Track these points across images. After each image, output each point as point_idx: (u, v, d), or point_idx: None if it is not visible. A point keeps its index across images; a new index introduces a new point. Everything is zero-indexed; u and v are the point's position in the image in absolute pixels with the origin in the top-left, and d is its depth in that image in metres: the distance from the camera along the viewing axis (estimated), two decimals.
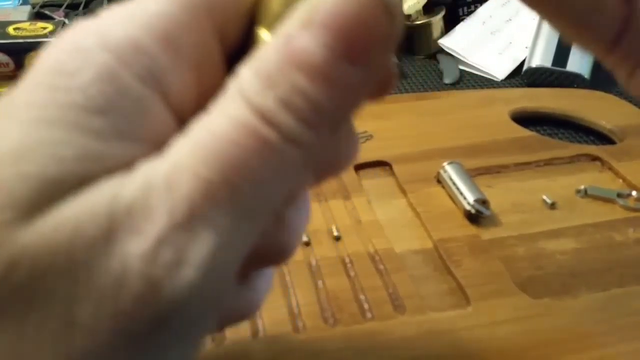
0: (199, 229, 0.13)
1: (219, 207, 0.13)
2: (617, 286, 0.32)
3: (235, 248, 0.13)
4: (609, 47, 0.22)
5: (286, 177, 0.14)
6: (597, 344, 0.29)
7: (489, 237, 0.36)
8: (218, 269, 0.13)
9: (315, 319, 0.30)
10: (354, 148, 0.18)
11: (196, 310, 0.13)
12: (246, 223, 0.13)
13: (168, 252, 0.12)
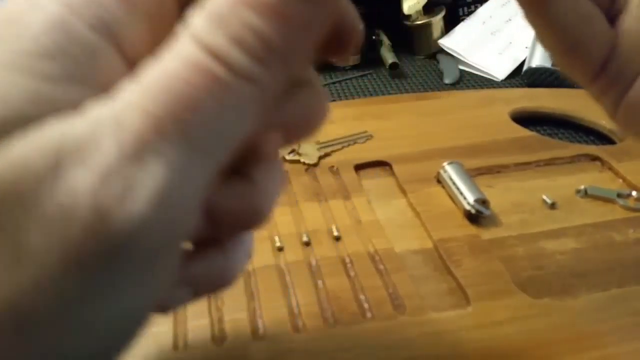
0: (148, 162, 0.13)
1: (168, 141, 0.13)
2: (617, 286, 0.32)
3: (190, 183, 0.14)
4: (596, 72, 0.23)
5: (239, 114, 0.14)
6: (597, 344, 0.29)
7: (489, 237, 0.36)
8: (171, 202, 0.13)
9: (315, 318, 0.30)
10: (322, 105, 0.18)
11: (150, 244, 0.13)
12: (199, 159, 0.14)
13: (116, 183, 0.12)
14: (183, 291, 0.19)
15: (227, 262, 0.19)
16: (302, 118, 0.18)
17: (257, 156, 0.18)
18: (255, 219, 0.19)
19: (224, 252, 0.19)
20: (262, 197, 0.18)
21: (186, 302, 0.19)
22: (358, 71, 0.63)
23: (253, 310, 0.31)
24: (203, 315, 0.30)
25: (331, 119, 0.48)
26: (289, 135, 0.18)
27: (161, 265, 0.14)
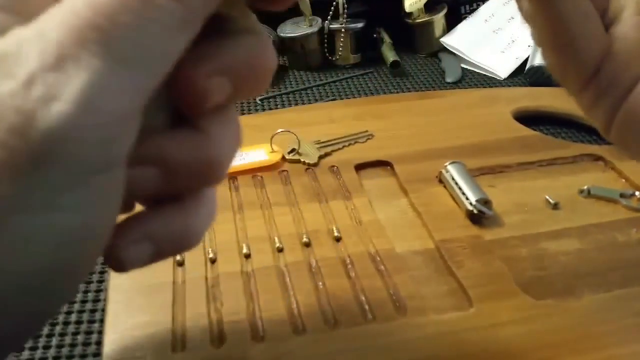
0: (70, 69, 0.14)
1: (88, 49, 0.14)
2: (620, 287, 0.32)
3: (116, 92, 0.14)
4: (589, 76, 0.22)
5: (162, 30, 0.15)
6: (600, 345, 0.29)
7: (491, 237, 0.36)
8: (95, 106, 0.14)
9: (316, 320, 0.30)
10: (266, 53, 0.19)
11: (78, 145, 0.14)
12: (124, 69, 0.14)
13: (39, 88, 0.14)
14: (143, 247, 0.19)
15: (187, 219, 0.20)
16: (246, 64, 0.18)
17: (208, 107, 0.18)
18: (212, 172, 0.19)
19: (184, 209, 0.19)
20: (216, 148, 0.19)
21: (148, 261, 0.19)
22: (359, 70, 0.63)
23: (252, 312, 0.30)
24: (202, 316, 0.30)
25: (331, 118, 0.48)
26: (236, 83, 0.18)
27: (98, 183, 0.15)
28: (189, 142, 0.18)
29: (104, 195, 0.16)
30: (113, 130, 0.15)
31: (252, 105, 0.56)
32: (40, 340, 0.30)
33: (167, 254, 0.20)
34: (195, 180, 0.19)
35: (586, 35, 0.22)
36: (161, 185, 0.18)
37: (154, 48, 0.15)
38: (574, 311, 0.30)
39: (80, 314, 0.32)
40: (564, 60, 0.23)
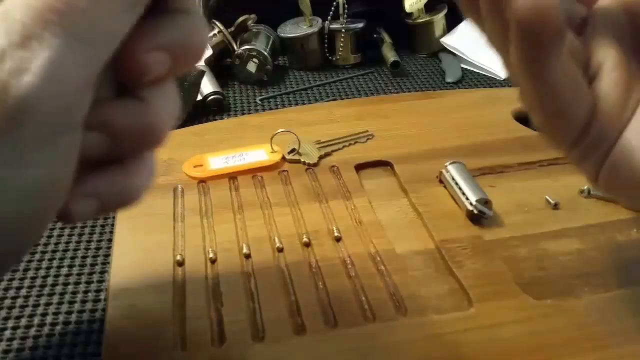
0: (35, 47, 0.16)
1: (49, 29, 0.17)
2: (620, 287, 0.32)
3: (75, 66, 0.17)
4: (578, 137, 0.23)
5: (112, 10, 0.18)
6: (601, 345, 0.29)
7: (492, 237, 0.36)
8: (58, 78, 0.17)
9: (316, 320, 0.30)
10: (200, 30, 0.22)
11: (47, 112, 0.17)
12: (81, 47, 0.17)
13: (9, 63, 0.16)
14: (89, 203, 0.21)
15: (129, 179, 0.22)
16: (182, 41, 0.21)
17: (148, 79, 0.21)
18: (152, 137, 0.22)
19: (126, 170, 0.22)
20: (155, 115, 0.21)
21: (93, 215, 0.22)
22: (359, 70, 0.63)
23: (253, 311, 0.30)
24: (202, 316, 0.30)
25: (332, 118, 0.48)
26: (174, 58, 0.21)
27: (61, 143, 0.18)
28: (131, 110, 0.21)
29: (66, 153, 0.19)
30: (73, 98, 0.18)
31: (252, 105, 0.56)
32: (40, 339, 0.30)
33: (111, 208, 0.23)
34: (137, 144, 0.22)
35: (576, 101, 0.22)
36: (107, 148, 0.21)
37: (105, 27, 0.18)
38: (574, 311, 0.30)
39: (80, 314, 0.32)
40: (553, 124, 0.24)
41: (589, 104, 0.22)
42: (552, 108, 0.23)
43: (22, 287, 0.33)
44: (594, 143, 0.23)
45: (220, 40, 0.60)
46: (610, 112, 0.22)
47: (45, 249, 0.36)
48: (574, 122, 0.23)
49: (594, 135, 0.23)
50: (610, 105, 0.22)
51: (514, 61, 0.22)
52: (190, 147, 0.44)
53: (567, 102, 0.22)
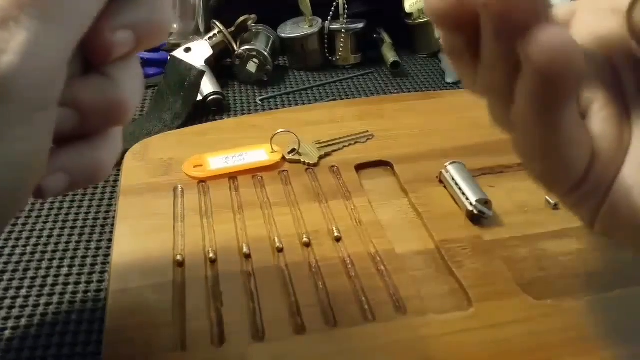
0: (13, 28, 0.18)
1: (26, 12, 0.18)
2: (620, 287, 0.32)
3: (51, 46, 0.18)
4: (577, 184, 0.21)
5: None
6: (600, 345, 0.29)
7: (491, 237, 0.36)
8: (37, 58, 0.18)
9: (316, 320, 0.30)
10: (163, 10, 0.23)
11: (26, 89, 0.18)
12: (55, 28, 0.18)
13: None
14: (59, 178, 0.22)
15: (97, 154, 0.23)
16: (146, 20, 0.22)
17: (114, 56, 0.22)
18: (118, 113, 0.23)
19: (94, 145, 0.23)
20: (120, 91, 0.22)
21: (64, 190, 0.23)
22: (359, 70, 0.63)
23: (253, 311, 0.30)
24: (202, 316, 0.30)
25: (332, 119, 0.48)
26: (138, 36, 0.22)
27: (40, 119, 0.19)
28: (98, 87, 0.22)
29: (45, 128, 0.20)
30: (50, 75, 0.19)
31: (252, 105, 0.56)
32: (40, 339, 0.30)
33: (80, 184, 0.24)
34: (104, 119, 0.23)
35: (580, 148, 0.21)
36: (75, 124, 0.22)
37: (77, 9, 0.19)
38: (574, 311, 0.30)
39: (81, 314, 0.32)
40: (555, 173, 0.22)
41: (590, 148, 0.21)
42: (558, 157, 0.21)
43: (22, 287, 0.33)
44: (592, 188, 0.22)
45: (221, 40, 0.60)
46: (607, 154, 0.21)
47: (46, 249, 0.36)
48: (576, 169, 0.21)
49: (592, 179, 0.21)
50: (607, 147, 0.21)
51: (521, 111, 0.20)
52: (190, 147, 0.44)
53: (574, 149, 0.21)
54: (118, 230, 0.36)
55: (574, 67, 0.18)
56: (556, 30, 0.18)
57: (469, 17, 0.19)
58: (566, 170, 0.21)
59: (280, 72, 0.62)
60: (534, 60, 0.18)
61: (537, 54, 0.18)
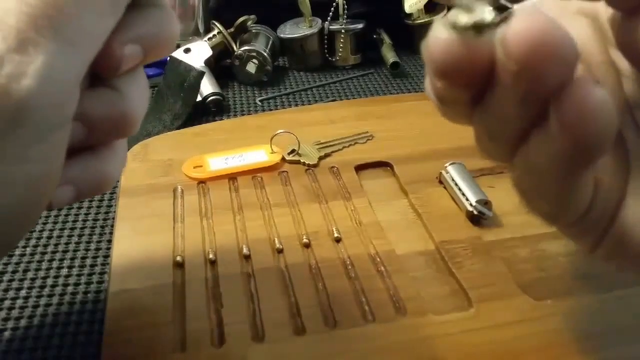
0: (31, 51, 0.18)
1: (43, 35, 0.18)
2: (620, 287, 0.32)
3: (67, 67, 0.19)
4: (581, 215, 0.20)
5: (97, 14, 0.19)
6: (600, 345, 0.29)
7: (491, 238, 0.36)
8: (54, 81, 0.18)
9: (316, 321, 0.30)
10: (170, 23, 0.23)
11: (43, 111, 0.18)
12: (71, 49, 0.19)
13: (8, 67, 0.17)
14: (66, 189, 0.23)
15: (103, 166, 0.24)
16: (154, 34, 0.22)
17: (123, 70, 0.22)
18: (125, 125, 0.23)
19: (100, 157, 0.24)
20: (127, 104, 0.22)
21: (70, 201, 0.23)
22: (359, 71, 0.63)
23: (253, 312, 0.30)
24: (202, 317, 0.30)
25: (331, 119, 0.48)
26: (146, 49, 0.22)
27: (54, 138, 0.19)
28: (105, 100, 0.22)
29: (58, 147, 0.20)
30: (65, 96, 0.19)
31: (252, 105, 0.56)
32: (40, 340, 0.30)
33: (86, 194, 0.24)
34: (111, 131, 0.23)
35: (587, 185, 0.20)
36: (83, 137, 0.22)
37: (91, 29, 0.19)
38: (574, 312, 0.30)
39: (80, 314, 0.32)
40: (559, 209, 0.20)
41: (593, 181, 0.20)
42: (566, 199, 0.20)
43: (22, 288, 0.33)
44: (595, 220, 0.21)
45: (220, 41, 0.60)
46: (609, 183, 0.20)
47: (45, 250, 0.36)
48: (581, 205, 0.20)
49: (596, 211, 0.20)
50: (608, 175, 0.20)
51: (540, 167, 0.19)
52: (190, 148, 0.44)
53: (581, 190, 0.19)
54: (118, 231, 0.36)
55: (609, 130, 0.16)
56: (592, 89, 0.16)
57: (479, 70, 0.17)
58: (571, 207, 0.20)
59: (280, 73, 0.62)
60: (567, 122, 0.16)
61: (571, 117, 0.16)
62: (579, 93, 0.16)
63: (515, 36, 0.15)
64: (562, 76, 0.16)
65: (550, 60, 0.15)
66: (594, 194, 0.20)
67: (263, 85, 0.59)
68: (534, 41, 0.15)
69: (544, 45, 0.15)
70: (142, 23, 0.22)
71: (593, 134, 0.16)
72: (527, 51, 0.15)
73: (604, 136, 0.16)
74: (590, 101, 0.16)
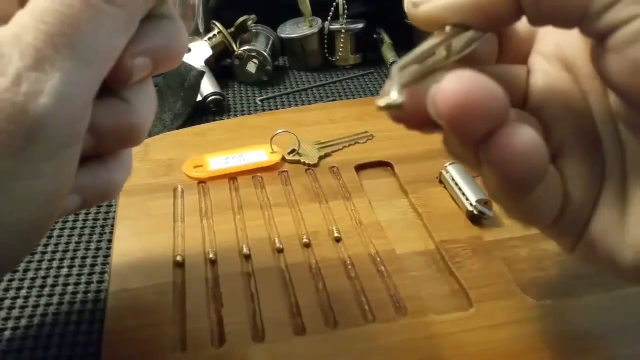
0: (47, 69, 0.18)
1: (60, 53, 0.18)
2: (620, 287, 0.32)
3: (81, 85, 0.19)
4: (553, 222, 0.22)
5: (112, 32, 0.19)
6: (600, 345, 0.29)
7: (491, 238, 0.36)
8: (68, 98, 0.18)
9: (316, 320, 0.30)
10: (182, 36, 0.23)
11: (58, 128, 0.18)
12: (86, 66, 0.19)
13: (25, 85, 0.18)
14: (72, 198, 0.23)
15: (109, 175, 0.24)
16: (164, 46, 0.23)
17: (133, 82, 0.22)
18: (132, 135, 0.23)
19: (107, 166, 0.24)
20: (135, 114, 0.23)
21: (76, 209, 0.24)
22: (359, 70, 0.63)
23: (253, 312, 0.30)
24: (202, 316, 0.30)
25: (331, 119, 0.48)
26: (156, 61, 0.22)
27: (67, 153, 0.20)
28: (114, 110, 0.22)
29: (70, 163, 0.20)
30: (79, 112, 0.19)
31: (252, 105, 0.56)
32: (40, 340, 0.30)
33: (92, 203, 0.24)
34: (119, 141, 0.23)
35: (549, 198, 0.21)
36: (91, 146, 0.22)
37: (106, 48, 0.20)
38: (574, 312, 0.30)
39: (81, 314, 0.32)
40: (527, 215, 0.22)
41: (560, 193, 0.21)
42: (529, 214, 0.21)
43: (22, 288, 0.33)
44: (569, 224, 0.22)
45: (220, 40, 0.60)
46: (580, 194, 0.21)
47: (45, 249, 0.36)
48: (548, 214, 0.21)
49: (568, 218, 0.21)
50: (578, 188, 0.21)
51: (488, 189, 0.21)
52: (190, 147, 0.44)
53: (542, 204, 0.21)
54: (118, 231, 0.36)
55: (540, 168, 0.18)
56: (523, 133, 0.17)
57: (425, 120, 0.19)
58: (538, 215, 0.21)
59: (280, 73, 0.62)
60: (494, 163, 0.18)
61: (497, 159, 0.18)
62: (503, 138, 0.17)
63: (441, 95, 0.17)
64: (486, 127, 0.17)
65: (473, 116, 0.17)
66: (564, 204, 0.21)
67: (263, 85, 0.59)
68: (456, 101, 0.17)
69: (465, 104, 0.17)
70: (152, 35, 0.22)
71: (519, 173, 0.18)
72: (450, 109, 0.17)
73: (530, 174, 0.18)
74: (513, 145, 0.17)
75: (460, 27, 0.20)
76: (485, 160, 0.18)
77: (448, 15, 0.20)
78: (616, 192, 0.21)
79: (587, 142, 0.21)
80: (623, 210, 0.21)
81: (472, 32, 0.20)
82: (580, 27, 0.19)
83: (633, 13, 0.17)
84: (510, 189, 0.19)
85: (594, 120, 0.21)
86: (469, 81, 0.17)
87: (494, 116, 0.17)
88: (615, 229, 0.21)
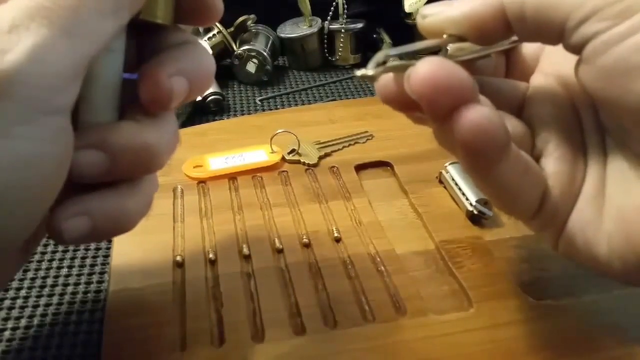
0: (21, 33, 0.18)
1: (37, 22, 0.19)
2: (620, 287, 0.32)
3: (59, 53, 0.19)
4: (534, 213, 0.24)
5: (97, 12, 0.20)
6: (600, 345, 0.29)
7: (492, 238, 0.36)
8: (42, 61, 0.19)
9: (316, 321, 0.30)
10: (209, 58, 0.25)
11: (30, 90, 0.19)
12: (66, 38, 0.19)
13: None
14: (81, 222, 0.22)
15: (122, 202, 0.23)
16: (196, 66, 0.24)
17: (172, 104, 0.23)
18: (151, 161, 0.23)
19: (120, 193, 0.23)
20: (151, 138, 0.23)
21: (86, 237, 0.22)
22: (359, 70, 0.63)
23: (252, 312, 0.30)
24: (202, 316, 0.30)
25: (331, 119, 0.48)
26: (190, 82, 0.23)
27: (46, 123, 0.19)
28: (129, 131, 0.22)
29: (53, 133, 0.20)
30: (56, 81, 0.19)
31: (252, 105, 0.56)
32: (40, 340, 0.30)
33: (104, 233, 0.23)
34: (134, 166, 0.23)
35: (528, 189, 0.23)
36: (104, 169, 0.22)
37: (92, 27, 0.20)
38: (574, 312, 0.30)
39: (80, 314, 0.32)
40: (509, 209, 0.25)
41: (541, 186, 0.23)
42: (506, 199, 0.24)
43: (22, 288, 0.33)
44: (549, 217, 0.24)
45: (220, 40, 0.60)
46: (559, 191, 0.23)
47: (45, 249, 0.36)
48: (528, 205, 0.24)
49: (548, 211, 0.24)
50: (559, 184, 0.23)
51: (463, 167, 0.24)
52: (190, 147, 0.44)
53: (519, 192, 0.23)
54: None
55: (497, 142, 0.21)
56: (478, 110, 0.20)
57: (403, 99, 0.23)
58: (518, 206, 0.24)
59: (280, 72, 0.62)
60: (459, 138, 0.21)
61: (461, 132, 0.20)
62: (462, 112, 0.20)
63: (414, 74, 0.21)
64: (450, 102, 0.20)
65: (439, 92, 0.20)
66: (544, 197, 0.23)
67: (263, 85, 0.59)
68: (425, 79, 0.20)
69: (432, 81, 0.20)
70: (182, 57, 0.23)
71: (474, 144, 0.21)
72: (420, 85, 0.20)
73: (484, 146, 0.21)
74: (469, 117, 0.20)
75: (454, 37, 0.23)
76: (455, 138, 0.21)
77: (446, 26, 0.23)
78: (595, 193, 0.23)
79: (572, 146, 0.24)
80: (601, 209, 0.23)
81: (468, 44, 0.24)
82: (562, 42, 0.22)
83: (601, 27, 0.20)
84: (472, 162, 0.22)
85: (582, 129, 0.24)
86: (437, 64, 0.20)
87: (456, 93, 0.20)
88: (592, 225, 0.23)
